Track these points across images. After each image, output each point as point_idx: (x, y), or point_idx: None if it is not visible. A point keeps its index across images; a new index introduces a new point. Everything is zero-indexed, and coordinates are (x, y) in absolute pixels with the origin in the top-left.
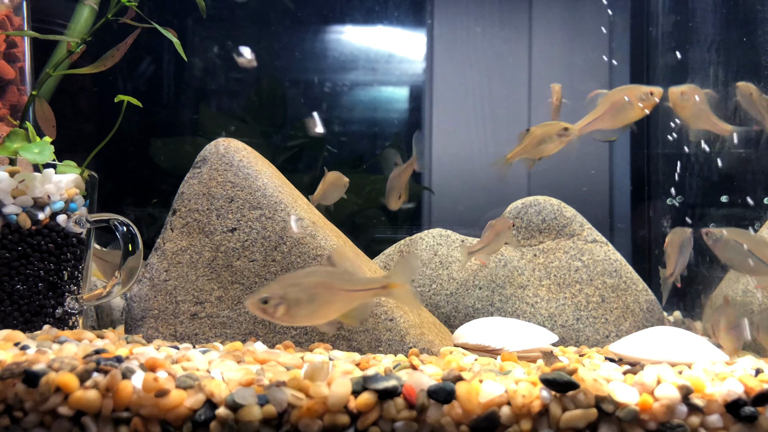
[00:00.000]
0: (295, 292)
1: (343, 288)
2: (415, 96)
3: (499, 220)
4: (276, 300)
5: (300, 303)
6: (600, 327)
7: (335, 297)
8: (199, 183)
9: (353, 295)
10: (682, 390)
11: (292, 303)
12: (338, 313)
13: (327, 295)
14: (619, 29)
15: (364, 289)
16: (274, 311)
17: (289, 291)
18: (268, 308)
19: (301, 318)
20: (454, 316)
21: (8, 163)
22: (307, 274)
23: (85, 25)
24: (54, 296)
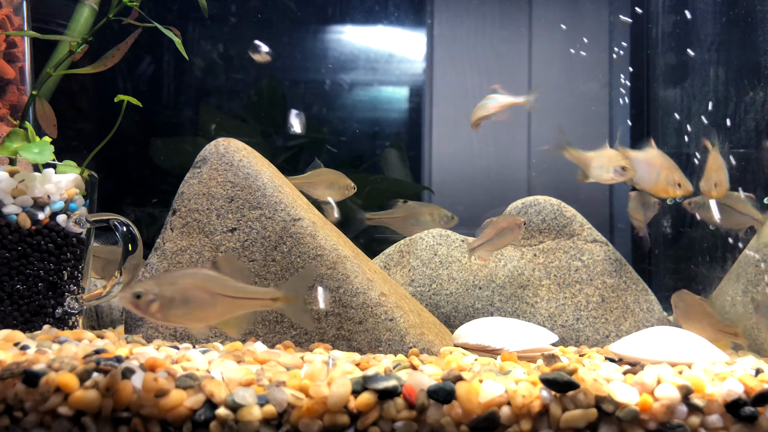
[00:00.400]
0: (170, 290)
1: (224, 293)
2: (415, 96)
3: (506, 218)
4: (149, 296)
5: (173, 302)
6: (600, 327)
7: (213, 301)
8: (199, 183)
9: (236, 302)
10: (682, 390)
11: (166, 301)
12: (218, 318)
13: (204, 298)
14: (619, 29)
15: (249, 298)
16: (146, 307)
17: (164, 289)
18: (141, 303)
19: (175, 318)
20: (454, 316)
21: (8, 162)
22: (186, 275)
23: (85, 25)
24: (54, 296)
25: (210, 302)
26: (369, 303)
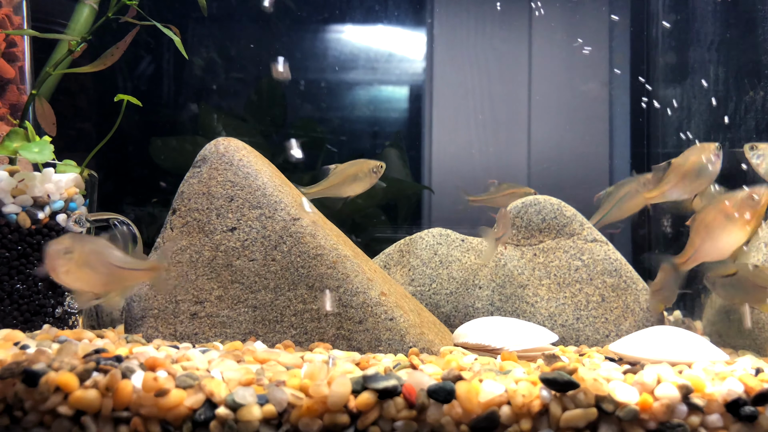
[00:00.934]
0: (81, 248)
1: (115, 264)
2: (415, 95)
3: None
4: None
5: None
6: (600, 326)
7: (106, 270)
8: (198, 182)
9: (121, 273)
10: (682, 389)
11: (78, 261)
12: (105, 287)
13: (101, 264)
14: (619, 28)
15: (131, 269)
16: (62, 264)
17: (77, 246)
18: (61, 260)
19: (73, 277)
20: (454, 315)
21: (8, 162)
22: (91, 240)
23: (85, 25)
24: (54, 295)
25: (104, 270)
26: (369, 302)
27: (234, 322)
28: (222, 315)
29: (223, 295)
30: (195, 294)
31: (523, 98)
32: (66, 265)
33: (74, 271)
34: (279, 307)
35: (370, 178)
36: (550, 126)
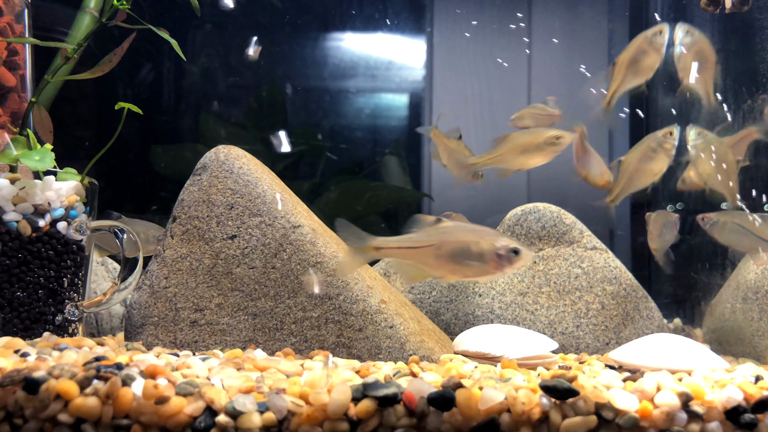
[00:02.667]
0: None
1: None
2: (415, 103)
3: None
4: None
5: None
6: (600, 334)
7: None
8: (199, 190)
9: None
10: (681, 397)
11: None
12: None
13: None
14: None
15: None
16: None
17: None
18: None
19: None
20: (454, 323)
21: (9, 170)
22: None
23: (86, 32)
24: (54, 303)
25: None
26: (369, 310)
27: (234, 329)
28: (222, 323)
29: (223, 302)
30: (195, 302)
31: (523, 105)
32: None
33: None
34: (279, 315)
35: (546, 151)
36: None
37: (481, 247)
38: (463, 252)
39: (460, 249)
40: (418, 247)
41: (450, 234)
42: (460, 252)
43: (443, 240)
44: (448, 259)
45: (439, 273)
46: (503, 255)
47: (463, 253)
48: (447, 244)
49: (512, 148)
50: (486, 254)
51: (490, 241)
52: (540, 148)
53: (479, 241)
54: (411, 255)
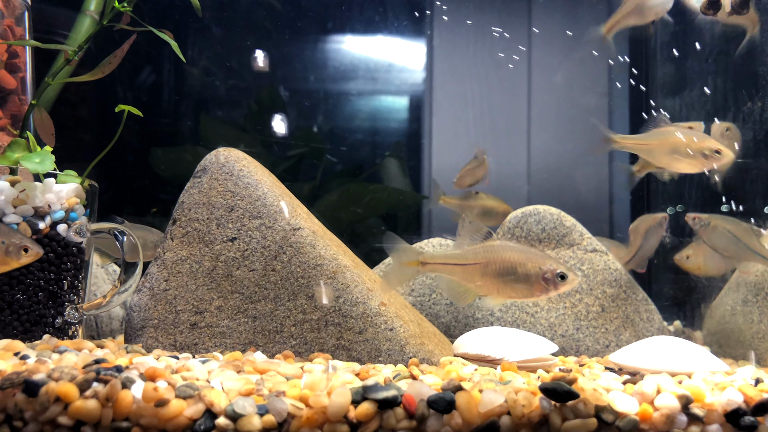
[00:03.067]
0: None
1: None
2: (415, 105)
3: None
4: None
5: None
6: (600, 337)
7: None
8: (199, 192)
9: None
10: (681, 400)
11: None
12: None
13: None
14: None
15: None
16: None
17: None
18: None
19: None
20: (454, 325)
21: (9, 172)
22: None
23: (86, 35)
24: (54, 306)
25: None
26: (369, 313)
27: (234, 332)
28: (222, 325)
29: (223, 305)
30: (195, 304)
31: (523, 108)
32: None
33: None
34: (279, 318)
35: (700, 161)
36: (550, 136)
37: (528, 269)
38: (510, 273)
39: (506, 269)
40: (465, 264)
41: (497, 253)
42: (506, 272)
43: (490, 259)
44: (494, 279)
45: (485, 292)
46: (549, 279)
47: (509, 274)
48: (493, 263)
49: (661, 144)
50: (532, 277)
51: (537, 263)
52: (692, 155)
53: (526, 263)
54: (457, 272)
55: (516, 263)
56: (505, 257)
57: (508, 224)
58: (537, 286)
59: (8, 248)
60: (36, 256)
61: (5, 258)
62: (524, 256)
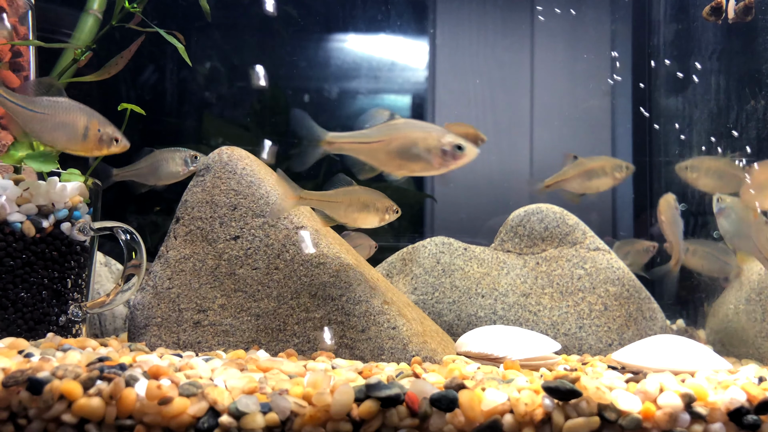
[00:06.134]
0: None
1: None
2: (418, 104)
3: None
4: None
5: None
6: (603, 335)
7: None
8: (202, 191)
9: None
10: (684, 398)
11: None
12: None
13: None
14: (620, 38)
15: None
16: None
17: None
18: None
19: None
20: (457, 324)
21: (13, 171)
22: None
23: (90, 34)
24: (58, 304)
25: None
26: (372, 311)
27: (237, 330)
28: (225, 323)
29: (226, 303)
30: (198, 302)
31: (525, 106)
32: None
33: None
34: (282, 316)
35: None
36: (553, 134)
37: (428, 143)
38: (411, 148)
39: (407, 145)
40: (369, 142)
41: (399, 131)
42: (408, 148)
43: (392, 136)
44: (396, 155)
45: (388, 168)
46: (448, 151)
47: (410, 149)
48: (395, 140)
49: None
50: (432, 150)
51: (436, 137)
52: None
53: (426, 138)
54: (362, 151)
55: (417, 138)
56: (406, 134)
57: (511, 222)
58: (436, 159)
59: (102, 137)
60: (124, 148)
61: (98, 145)
62: (424, 132)
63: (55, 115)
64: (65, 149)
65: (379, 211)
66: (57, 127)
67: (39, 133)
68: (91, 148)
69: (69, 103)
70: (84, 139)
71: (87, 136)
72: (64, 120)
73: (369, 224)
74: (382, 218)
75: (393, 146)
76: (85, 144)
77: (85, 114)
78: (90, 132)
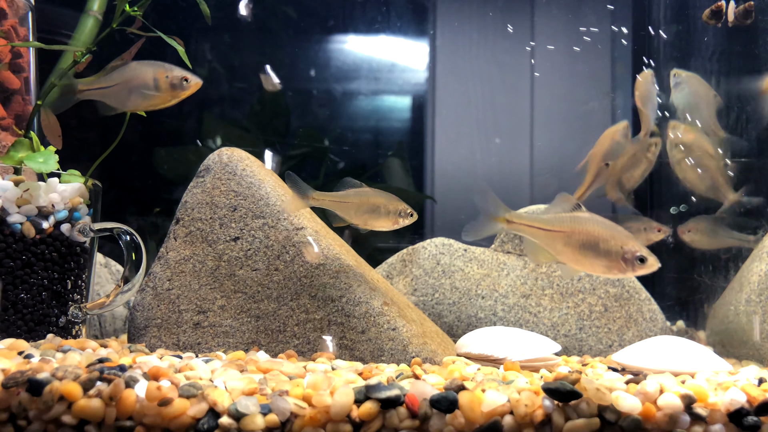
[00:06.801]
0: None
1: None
2: (418, 105)
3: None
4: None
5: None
6: (603, 336)
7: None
8: (202, 192)
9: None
10: (684, 399)
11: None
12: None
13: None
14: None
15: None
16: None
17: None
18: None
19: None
20: (457, 325)
21: (13, 172)
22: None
23: (90, 36)
24: (58, 305)
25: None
26: (372, 312)
27: (237, 331)
28: (225, 325)
29: (226, 304)
30: (198, 304)
31: (526, 108)
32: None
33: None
34: (282, 317)
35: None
36: (553, 135)
37: (610, 246)
38: (591, 246)
39: (588, 242)
40: (549, 230)
41: (582, 225)
42: (588, 245)
43: (575, 229)
44: (575, 250)
45: (564, 260)
46: (629, 260)
47: (590, 247)
48: (578, 234)
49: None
50: (613, 254)
51: (620, 242)
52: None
53: (609, 240)
54: (540, 236)
55: (599, 238)
56: (589, 230)
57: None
58: (615, 265)
59: (172, 81)
60: (197, 86)
61: (174, 92)
62: (609, 233)
63: (125, 82)
64: (151, 108)
65: (391, 213)
66: (131, 92)
67: (121, 103)
68: (169, 97)
69: (132, 66)
70: (159, 92)
71: (159, 87)
72: (134, 83)
73: (382, 227)
74: (395, 221)
75: (573, 240)
76: (163, 96)
77: (149, 67)
78: (160, 83)
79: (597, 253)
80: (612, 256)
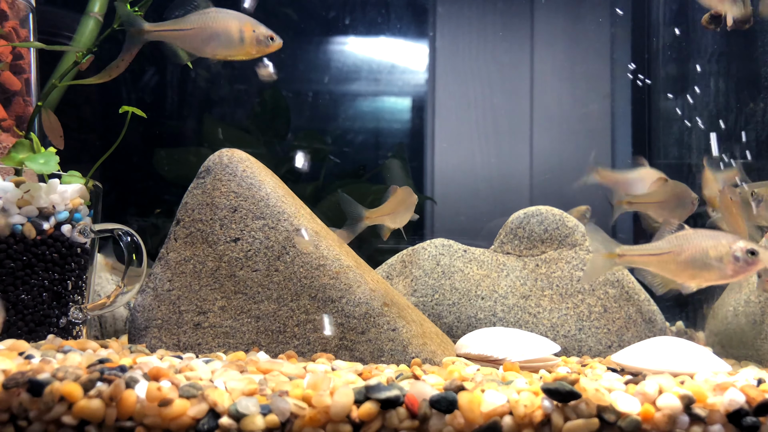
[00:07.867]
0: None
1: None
2: (418, 106)
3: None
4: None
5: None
6: (602, 337)
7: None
8: (202, 193)
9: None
10: (683, 400)
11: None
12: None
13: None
14: (620, 40)
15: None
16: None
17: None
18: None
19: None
20: (457, 326)
21: (14, 173)
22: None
23: (91, 37)
24: (58, 306)
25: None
26: (371, 313)
27: (237, 332)
28: (225, 325)
29: (227, 305)
30: (198, 304)
31: (525, 109)
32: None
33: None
34: (282, 318)
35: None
36: (552, 137)
37: (719, 251)
38: (702, 257)
39: (698, 254)
40: (659, 254)
41: (689, 241)
42: (699, 257)
43: (683, 247)
44: (688, 266)
45: (681, 279)
46: (740, 257)
47: (701, 258)
48: (686, 251)
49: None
50: (724, 258)
51: (726, 244)
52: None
53: (716, 246)
54: (652, 262)
55: (707, 247)
56: (695, 243)
57: (511, 224)
58: (730, 266)
59: (258, 37)
60: (279, 45)
61: (260, 48)
62: (714, 240)
63: (207, 27)
64: (227, 57)
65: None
66: (212, 37)
67: (198, 47)
68: (253, 51)
69: (218, 12)
70: (242, 43)
71: (243, 39)
72: (218, 29)
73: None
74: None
75: (683, 257)
76: (244, 47)
77: (237, 19)
78: (245, 35)
79: (709, 261)
80: (724, 260)
